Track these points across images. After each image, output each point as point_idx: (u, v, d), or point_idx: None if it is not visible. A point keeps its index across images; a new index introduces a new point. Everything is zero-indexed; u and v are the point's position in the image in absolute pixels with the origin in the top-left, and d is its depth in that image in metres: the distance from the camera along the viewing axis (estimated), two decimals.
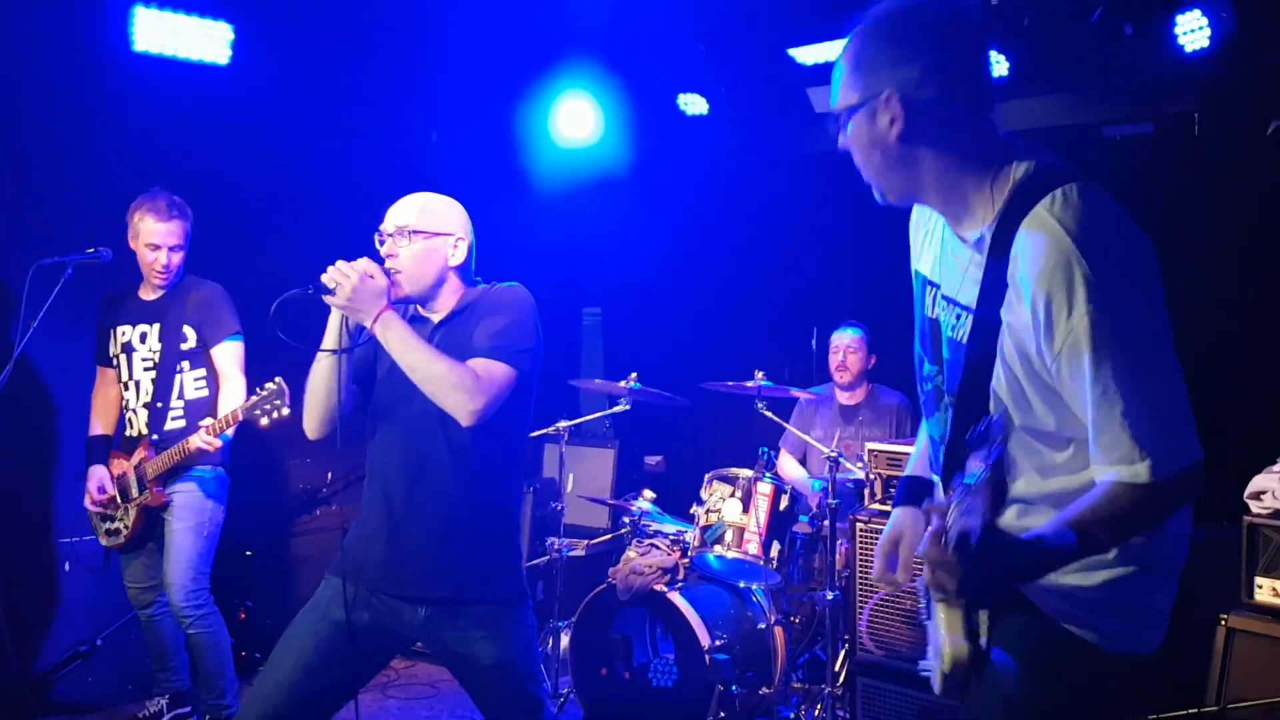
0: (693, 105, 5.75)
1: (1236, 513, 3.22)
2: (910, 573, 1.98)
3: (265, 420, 3.45)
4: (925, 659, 1.86)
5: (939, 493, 1.89)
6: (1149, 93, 4.71)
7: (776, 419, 4.45)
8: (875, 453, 3.90)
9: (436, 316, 2.63)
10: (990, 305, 1.65)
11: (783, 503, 4.23)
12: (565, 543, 4.76)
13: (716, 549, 4.20)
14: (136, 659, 4.43)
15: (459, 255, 2.60)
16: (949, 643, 1.72)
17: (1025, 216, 1.60)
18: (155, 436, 3.87)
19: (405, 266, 2.53)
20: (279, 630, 2.56)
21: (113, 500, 3.89)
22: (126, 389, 3.96)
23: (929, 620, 1.85)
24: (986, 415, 1.68)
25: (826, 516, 4.10)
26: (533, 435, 5.04)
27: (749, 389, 4.38)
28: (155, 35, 4.50)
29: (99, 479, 3.91)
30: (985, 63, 1.74)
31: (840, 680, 4.05)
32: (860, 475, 4.08)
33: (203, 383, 3.97)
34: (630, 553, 4.39)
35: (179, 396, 3.92)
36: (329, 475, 5.35)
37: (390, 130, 5.65)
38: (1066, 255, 1.54)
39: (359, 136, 5.44)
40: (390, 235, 2.56)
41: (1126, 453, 1.55)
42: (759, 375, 4.36)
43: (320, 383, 2.56)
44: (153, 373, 3.92)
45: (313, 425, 2.62)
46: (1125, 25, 4.35)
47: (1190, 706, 3.09)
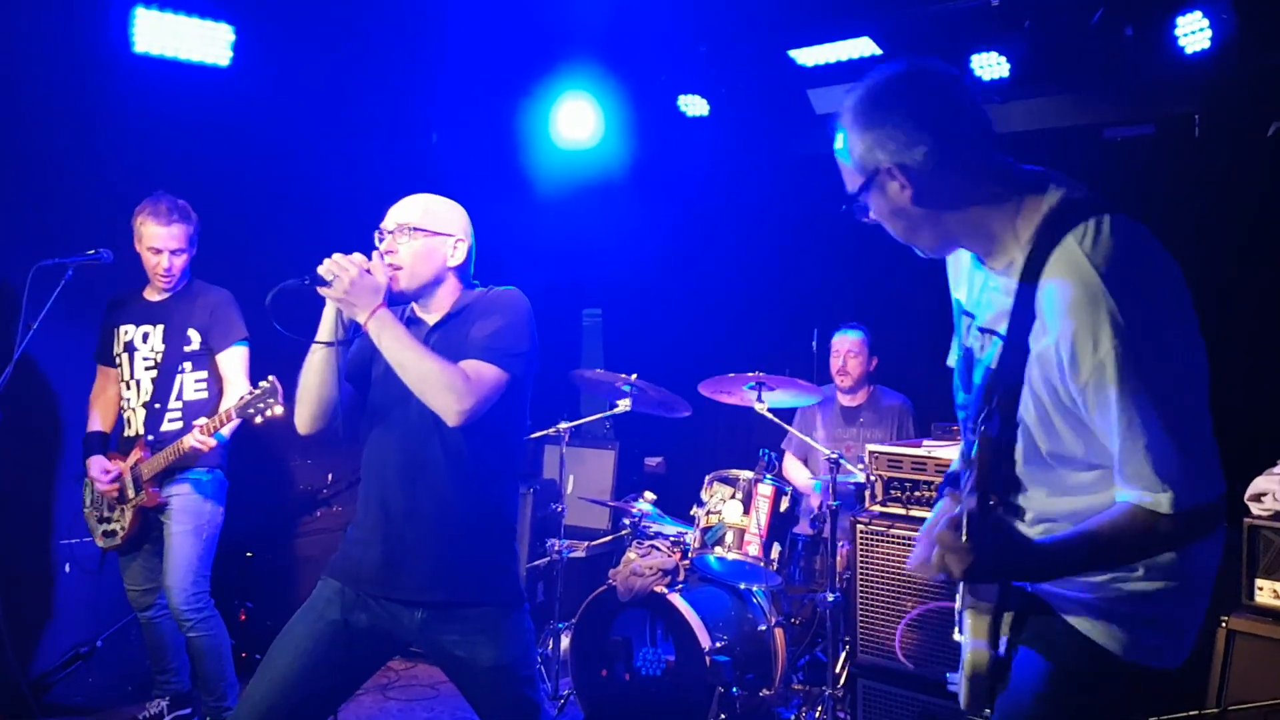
0: (693, 106, 5.75)
1: (1237, 515, 3.20)
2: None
3: (259, 419, 3.45)
4: (955, 673, 1.93)
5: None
6: (1149, 94, 4.71)
7: (777, 420, 4.45)
8: (876, 454, 3.90)
9: (432, 318, 2.62)
10: (1019, 334, 1.69)
11: (783, 504, 4.23)
12: (565, 544, 4.76)
13: (717, 550, 4.20)
14: (136, 661, 4.44)
15: (458, 256, 2.60)
16: (971, 648, 1.78)
17: (1054, 248, 1.64)
18: (151, 437, 3.87)
19: (404, 263, 2.53)
20: (279, 631, 2.56)
21: (121, 486, 3.88)
22: (127, 388, 3.97)
23: (963, 635, 1.92)
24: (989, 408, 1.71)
25: (827, 518, 4.10)
26: (533, 436, 5.09)
27: (748, 393, 4.38)
28: (156, 36, 4.50)
29: (101, 464, 3.90)
30: (975, 106, 1.75)
31: (841, 682, 4.04)
32: (861, 477, 4.08)
33: (203, 385, 3.97)
34: (630, 554, 4.39)
35: (178, 398, 3.93)
36: (329, 476, 5.35)
37: (390, 131, 5.65)
38: (1094, 291, 1.57)
39: (359, 138, 5.45)
40: (390, 232, 2.56)
41: (1150, 484, 1.59)
42: (758, 374, 4.35)
43: (313, 375, 2.55)
44: (153, 373, 3.92)
45: (304, 420, 2.60)
46: (1126, 26, 4.36)
47: (1191, 708, 3.08)
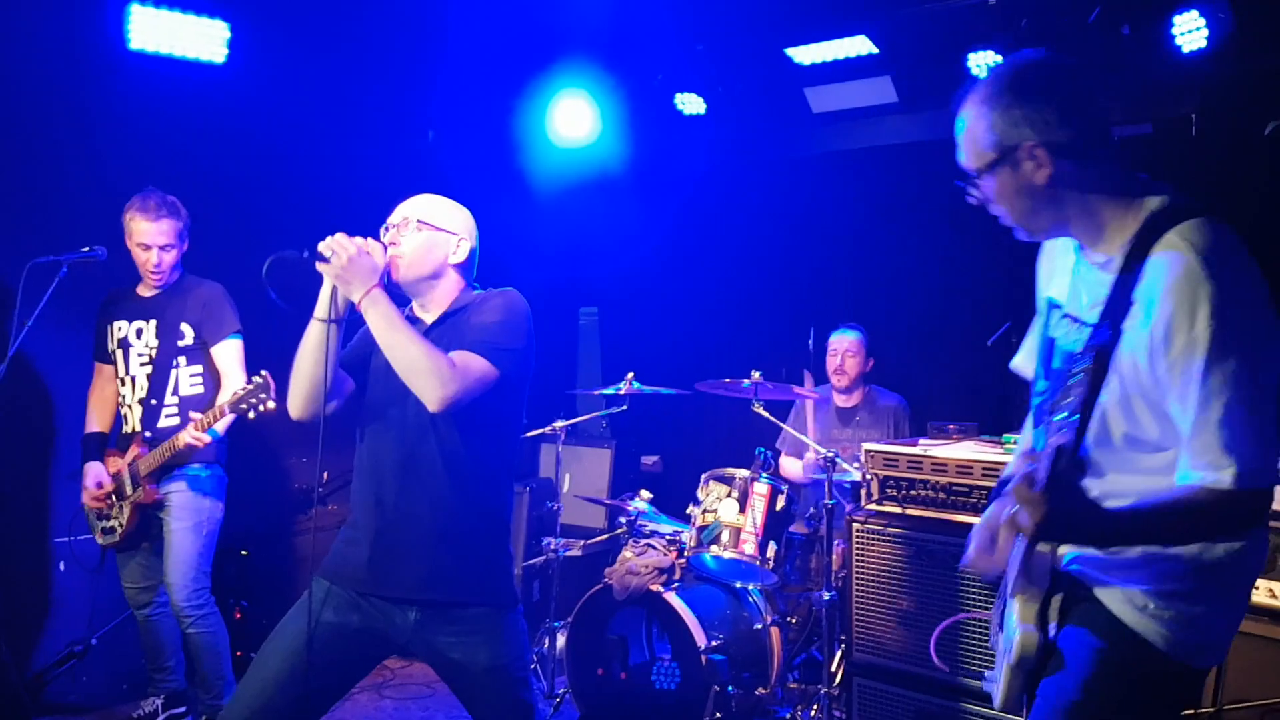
0: (690, 105, 5.75)
1: None
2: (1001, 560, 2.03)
3: (253, 414, 3.45)
4: (990, 673, 2.09)
5: None
6: (1147, 93, 4.71)
7: (774, 419, 4.45)
8: (872, 453, 3.89)
9: (430, 317, 2.63)
10: (1113, 319, 1.78)
11: (779, 503, 4.22)
12: (562, 543, 4.76)
13: (713, 549, 4.19)
14: (131, 659, 4.43)
15: (460, 254, 2.62)
16: (1021, 631, 1.89)
17: (1158, 240, 1.77)
18: (148, 433, 3.87)
19: (405, 252, 2.56)
20: (273, 630, 2.55)
21: (109, 496, 3.88)
22: (123, 385, 3.97)
23: (999, 635, 2.08)
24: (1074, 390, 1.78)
25: (823, 517, 4.09)
26: (529, 435, 5.09)
27: (745, 390, 4.38)
28: (151, 33, 4.50)
29: (95, 475, 3.90)
30: (1106, 103, 1.89)
31: (836, 681, 4.04)
32: (857, 476, 4.07)
33: (199, 380, 3.96)
34: (627, 553, 4.39)
35: (174, 393, 3.92)
36: (325, 475, 5.33)
37: (387, 129, 5.64)
38: (1196, 273, 1.69)
39: (356, 135, 5.44)
40: (395, 225, 2.59)
41: (1216, 458, 1.68)
42: (755, 375, 4.35)
43: (307, 354, 2.53)
44: (148, 368, 3.92)
45: (296, 401, 2.57)
46: (1123, 25, 4.36)
47: (1187, 708, 3.08)
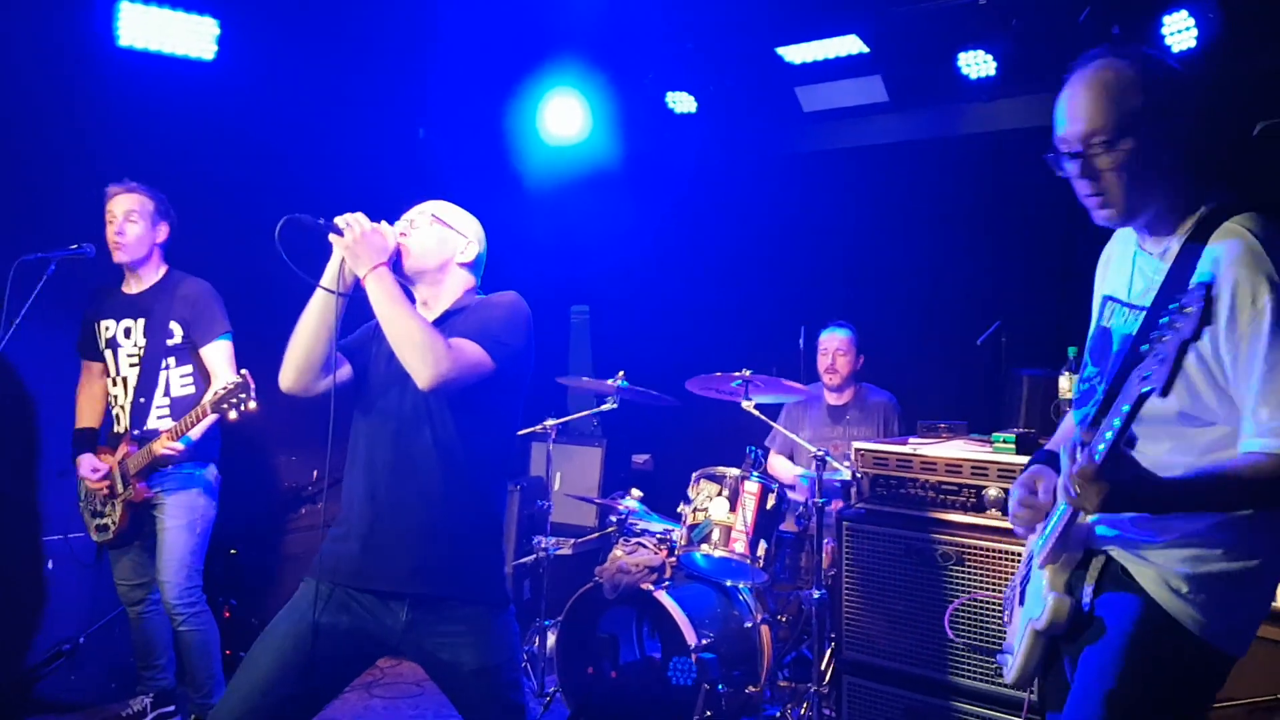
0: (681, 103, 5.75)
1: None
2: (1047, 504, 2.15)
3: (233, 414, 3.45)
4: (1004, 650, 2.23)
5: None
6: None
7: (764, 418, 4.45)
8: (862, 451, 3.90)
9: (433, 314, 2.65)
10: (1165, 302, 1.86)
11: (770, 501, 4.22)
12: (552, 541, 4.76)
13: (703, 548, 4.19)
14: (120, 657, 4.41)
15: (467, 255, 2.72)
16: (1054, 598, 2.01)
17: (1216, 229, 1.90)
18: (137, 432, 3.85)
19: (415, 243, 2.64)
20: (264, 629, 2.54)
21: (110, 484, 3.85)
22: (113, 384, 3.94)
23: (1017, 610, 2.21)
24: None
25: (813, 515, 4.10)
26: (520, 434, 5.06)
27: (735, 390, 4.38)
28: (140, 30, 4.49)
29: (90, 463, 3.88)
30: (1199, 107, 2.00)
31: (826, 679, 4.05)
32: (847, 475, 4.08)
33: (189, 379, 3.95)
34: (617, 551, 4.39)
35: (165, 394, 3.90)
36: (314, 473, 5.33)
37: (377, 126, 5.63)
38: (1257, 254, 1.82)
39: (346, 133, 5.42)
40: (410, 220, 2.68)
41: (1278, 429, 1.78)
42: (745, 373, 4.35)
43: (306, 322, 2.55)
44: (137, 369, 3.90)
45: (288, 371, 2.58)
46: (1113, 26, 4.37)
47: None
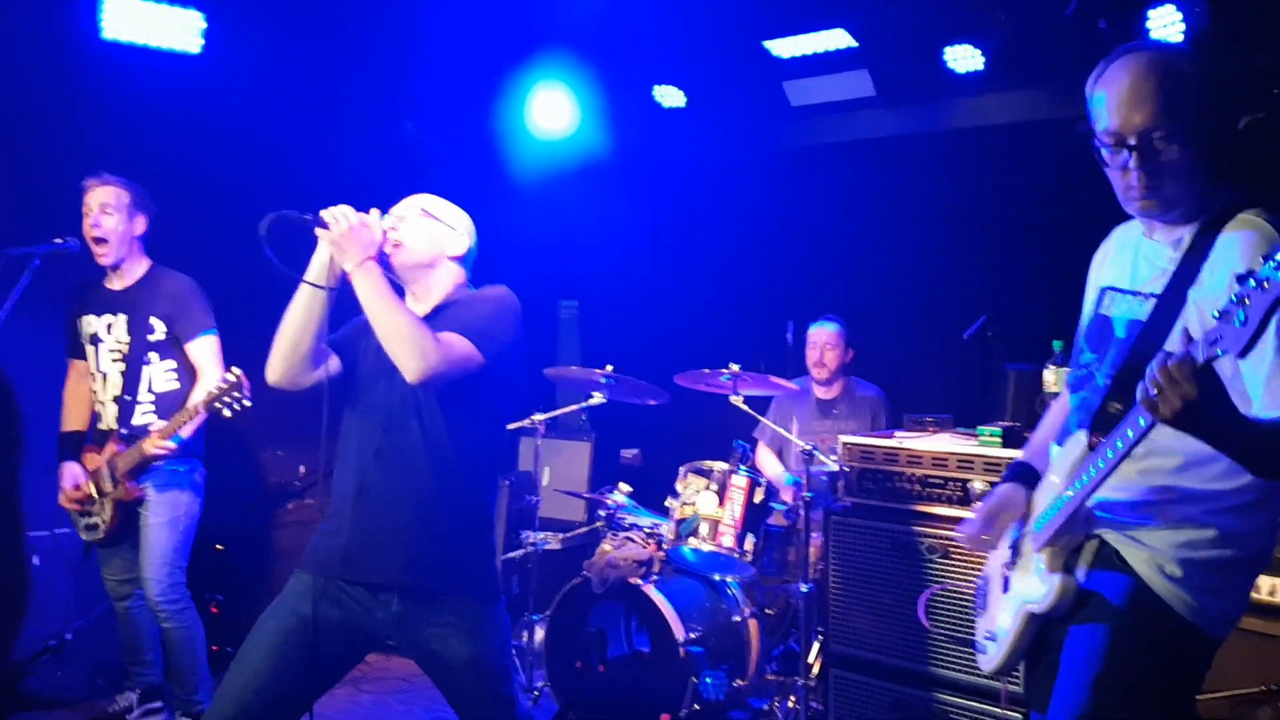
0: (669, 98, 5.74)
1: None
2: (1000, 538, 2.25)
3: (228, 413, 3.43)
4: (978, 639, 2.26)
5: (1052, 458, 2.19)
6: None
7: (752, 412, 4.45)
8: (849, 446, 3.91)
9: (423, 309, 2.65)
10: (1178, 287, 1.96)
11: (758, 495, 4.23)
12: (541, 536, 4.75)
13: (691, 542, 4.20)
14: (107, 653, 4.39)
15: (457, 248, 2.71)
16: (1060, 579, 2.03)
17: (1229, 220, 1.96)
18: (124, 430, 3.82)
19: (406, 237, 2.63)
20: (251, 625, 2.54)
21: (88, 496, 3.84)
22: (95, 381, 3.92)
23: (985, 605, 2.26)
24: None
25: (801, 509, 4.11)
26: (509, 428, 5.07)
27: (724, 384, 4.38)
28: (125, 23, 4.47)
29: (72, 476, 3.86)
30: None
31: (814, 672, 4.06)
32: (835, 468, 4.09)
33: (173, 375, 3.92)
34: (605, 546, 4.39)
35: (149, 390, 3.88)
36: (302, 469, 5.31)
37: (365, 120, 5.61)
38: (1271, 238, 1.89)
39: (333, 127, 5.40)
40: (399, 214, 2.66)
41: None
42: (734, 367, 4.35)
43: (293, 317, 2.54)
44: (120, 365, 3.87)
45: (274, 364, 2.57)
46: (1100, 20, 4.38)
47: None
